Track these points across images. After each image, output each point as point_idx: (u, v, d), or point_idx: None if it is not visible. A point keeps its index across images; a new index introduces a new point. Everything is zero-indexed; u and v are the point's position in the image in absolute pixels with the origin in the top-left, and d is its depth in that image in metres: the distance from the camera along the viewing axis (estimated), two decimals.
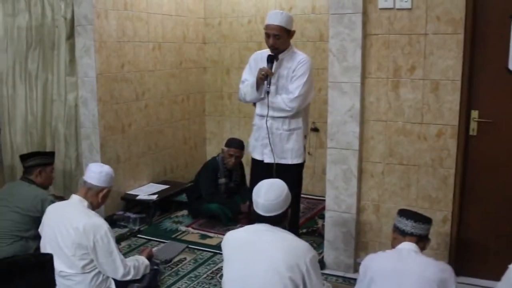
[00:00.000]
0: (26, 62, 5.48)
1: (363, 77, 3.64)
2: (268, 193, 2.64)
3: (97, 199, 3.40)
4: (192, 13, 6.08)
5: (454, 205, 3.57)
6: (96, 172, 3.38)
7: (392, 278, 2.54)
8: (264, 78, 3.69)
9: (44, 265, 1.88)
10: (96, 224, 3.22)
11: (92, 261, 3.24)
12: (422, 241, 2.74)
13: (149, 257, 3.69)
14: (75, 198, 3.38)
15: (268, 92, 3.71)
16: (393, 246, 2.79)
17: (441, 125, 3.51)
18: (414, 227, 2.70)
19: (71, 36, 5.08)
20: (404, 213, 2.78)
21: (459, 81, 3.42)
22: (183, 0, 5.90)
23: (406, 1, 3.45)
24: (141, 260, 3.52)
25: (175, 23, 5.80)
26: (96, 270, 3.27)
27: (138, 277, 3.42)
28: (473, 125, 3.51)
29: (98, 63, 4.79)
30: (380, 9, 3.54)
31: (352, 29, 3.58)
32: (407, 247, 2.67)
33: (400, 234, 2.75)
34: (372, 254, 2.79)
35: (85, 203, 3.34)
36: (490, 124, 3.48)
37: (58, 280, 3.11)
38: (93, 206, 3.40)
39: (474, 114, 3.50)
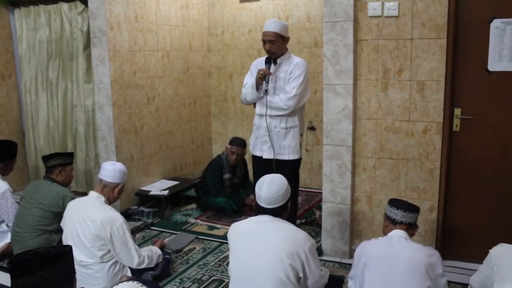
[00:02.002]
0: (47, 71, 5.50)
1: (355, 79, 3.62)
2: (270, 187, 2.62)
3: (113, 195, 3.40)
4: (197, 24, 6.05)
5: (440, 195, 3.55)
6: (110, 170, 3.37)
7: (384, 263, 2.53)
8: (262, 78, 3.68)
9: (64, 255, 1.87)
10: (112, 217, 3.22)
11: (109, 251, 3.24)
12: (411, 228, 2.72)
13: (162, 247, 3.70)
14: (93, 194, 3.38)
15: (266, 90, 3.69)
16: (384, 233, 2.76)
17: (427, 122, 3.49)
18: (404, 216, 2.68)
19: (87, 47, 5.08)
20: (394, 203, 2.75)
21: (443, 82, 3.40)
22: (189, 12, 5.88)
23: (393, 9, 3.43)
24: (154, 250, 3.51)
25: (182, 33, 5.77)
26: (114, 260, 3.27)
27: (151, 265, 3.42)
28: (456, 122, 3.49)
29: (112, 71, 4.77)
30: (370, 16, 3.52)
31: (344, 36, 3.56)
32: (398, 234, 2.65)
33: (391, 223, 2.72)
34: (365, 241, 2.77)
35: (102, 198, 3.34)
36: (472, 120, 3.46)
37: (79, 269, 3.11)
38: (110, 201, 3.40)
39: (457, 111, 3.48)
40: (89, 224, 3.19)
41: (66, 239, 3.29)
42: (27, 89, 5.67)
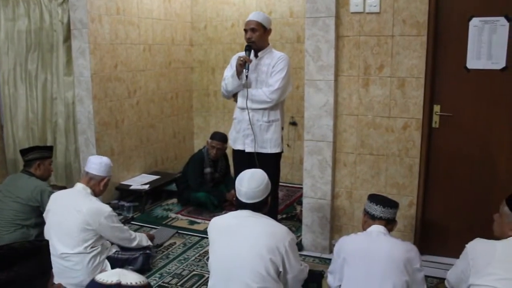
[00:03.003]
0: (26, 63, 5.39)
1: (336, 75, 3.63)
2: (250, 182, 2.62)
3: (99, 187, 3.44)
4: (180, 18, 6.01)
5: (419, 191, 3.59)
6: (96, 163, 3.42)
7: (363, 258, 2.54)
8: (243, 65, 3.67)
9: (40, 250, 1.83)
10: (99, 208, 3.29)
11: (93, 242, 3.26)
12: (390, 224, 2.74)
13: (151, 239, 3.83)
14: (79, 186, 3.41)
15: (247, 77, 3.68)
16: (364, 228, 2.78)
17: (407, 118, 3.52)
18: (383, 212, 2.70)
19: (67, 39, 5.00)
20: (373, 199, 2.77)
21: (423, 78, 3.43)
22: (171, 6, 5.82)
23: (375, 6, 3.45)
24: (143, 236, 3.68)
25: (164, 27, 5.72)
26: (95, 252, 3.26)
27: (142, 245, 3.59)
28: (436, 118, 3.53)
29: (92, 63, 4.71)
30: (352, 13, 3.53)
31: (326, 31, 3.56)
32: (376, 229, 2.67)
33: (370, 218, 2.74)
34: (345, 236, 2.79)
35: (88, 190, 3.39)
36: (451, 117, 3.50)
37: (58, 261, 3.14)
38: (95, 194, 3.43)
39: (437, 108, 3.52)
40: (75, 215, 3.20)
41: (48, 231, 3.28)
42: (5, 80, 5.56)
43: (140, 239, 3.58)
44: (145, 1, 5.36)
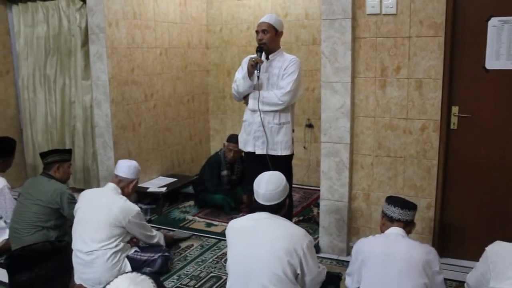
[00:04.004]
0: (45, 68, 5.49)
1: (353, 77, 3.62)
2: (268, 184, 2.63)
3: (128, 189, 3.60)
4: (196, 21, 6.05)
5: (437, 192, 3.57)
6: (125, 166, 3.61)
7: (381, 260, 2.53)
8: (254, 66, 3.68)
9: (61, 251, 1.87)
10: (129, 206, 3.44)
11: (118, 238, 3.35)
12: (408, 226, 2.73)
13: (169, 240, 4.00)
14: (110, 185, 3.56)
15: (258, 77, 3.70)
16: (382, 231, 2.77)
17: (425, 120, 3.50)
18: (401, 214, 2.68)
19: (85, 43, 5.08)
20: (391, 201, 2.76)
21: (441, 80, 3.40)
22: (187, 9, 5.87)
23: (391, 7, 3.44)
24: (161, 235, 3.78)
25: (180, 30, 5.77)
26: (116, 249, 3.33)
27: (160, 243, 3.70)
28: (454, 120, 3.50)
29: (110, 67, 4.76)
30: (368, 14, 3.52)
31: (343, 33, 3.56)
32: (395, 231, 2.66)
33: (388, 220, 2.73)
34: (363, 238, 2.78)
35: (119, 190, 3.54)
36: (469, 118, 3.47)
37: (80, 256, 3.27)
38: (124, 195, 3.55)
39: (455, 109, 3.49)
40: (107, 211, 3.34)
41: (79, 225, 3.39)
42: (24, 85, 5.66)
43: (159, 237, 3.71)
44: (161, 5, 5.40)
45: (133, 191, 3.69)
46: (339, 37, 3.58)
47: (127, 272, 1.52)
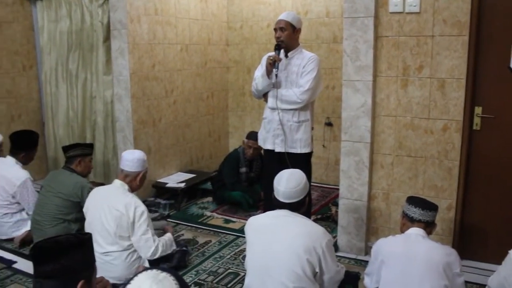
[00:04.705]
0: (67, 63, 5.55)
1: (375, 75, 3.60)
2: (289, 182, 2.63)
3: (136, 183, 3.47)
4: (216, 18, 6.07)
5: (458, 194, 3.53)
6: (129, 160, 3.43)
7: (401, 260, 2.52)
8: (272, 64, 3.68)
9: (84, 243, 1.88)
10: (136, 203, 3.32)
11: (129, 238, 3.30)
12: (429, 226, 2.70)
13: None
14: (117, 182, 3.45)
15: (276, 76, 3.70)
16: (402, 231, 2.75)
17: (447, 120, 3.46)
18: (422, 214, 2.66)
19: (107, 39, 5.12)
20: (412, 201, 2.74)
21: (464, 79, 3.36)
22: (208, 6, 5.89)
23: (414, 6, 3.40)
24: (168, 236, 3.58)
25: (200, 27, 5.79)
26: (133, 248, 3.32)
27: (167, 252, 3.47)
28: (477, 120, 3.46)
29: (131, 63, 4.81)
30: (391, 13, 3.49)
31: (365, 32, 3.54)
32: (415, 232, 2.64)
33: (409, 221, 2.71)
34: (383, 238, 2.76)
35: (126, 186, 3.42)
36: (493, 119, 3.42)
37: (98, 256, 3.17)
38: (133, 189, 3.47)
39: (478, 110, 3.45)
40: (113, 211, 3.26)
41: (89, 226, 3.35)
42: (47, 80, 5.74)
43: (165, 248, 3.43)
44: (182, 2, 5.43)
45: (142, 183, 3.52)
46: (361, 35, 3.56)
47: (146, 269, 1.53)
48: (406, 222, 2.74)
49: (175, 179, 5.23)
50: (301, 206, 2.68)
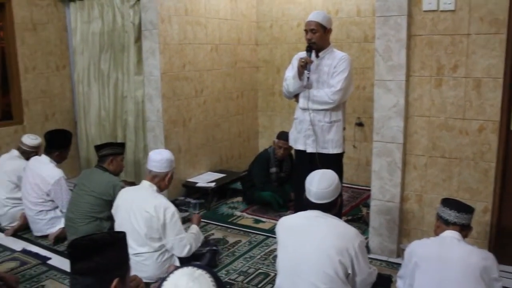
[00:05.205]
0: (99, 63, 5.64)
1: (407, 75, 3.55)
2: (321, 182, 2.62)
3: (164, 183, 3.49)
4: (246, 18, 6.08)
5: (495, 196, 3.44)
6: (157, 161, 3.43)
7: (436, 264, 2.47)
8: (304, 66, 3.67)
9: (119, 242, 1.91)
10: (165, 205, 3.32)
11: (160, 240, 3.31)
12: (464, 229, 2.63)
13: (198, 222, 3.80)
14: (145, 184, 3.46)
15: (308, 78, 3.67)
16: (436, 233, 2.70)
17: (483, 120, 3.38)
18: (457, 217, 2.60)
19: (138, 39, 5.19)
20: (447, 203, 2.68)
21: (501, 79, 3.28)
22: (237, 6, 5.90)
23: (449, 3, 3.34)
24: (195, 230, 3.60)
25: (230, 27, 5.81)
26: (163, 249, 3.34)
27: (199, 245, 3.52)
28: None
29: (162, 63, 4.86)
30: (424, 11, 3.43)
31: (398, 30, 3.49)
32: (450, 235, 2.58)
33: (444, 223, 2.65)
34: (417, 240, 2.71)
35: (154, 187, 3.43)
36: None
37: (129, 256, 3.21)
38: (161, 189, 3.49)
39: None
40: (143, 213, 3.28)
41: (119, 228, 3.38)
42: (79, 80, 5.85)
43: (197, 243, 3.48)
44: (212, 2, 5.46)
45: (170, 183, 3.53)
46: (394, 34, 3.51)
47: (182, 267, 1.54)
48: (440, 225, 2.68)
49: (205, 179, 5.26)
50: (333, 207, 2.66)
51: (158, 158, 3.43)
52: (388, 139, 3.65)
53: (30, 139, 4.65)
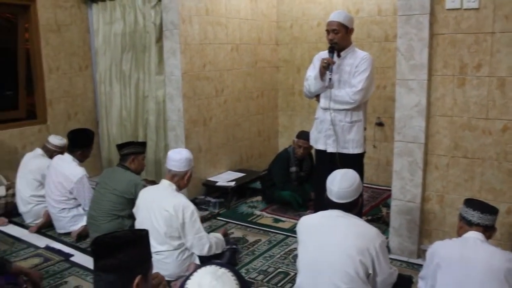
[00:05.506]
0: (121, 63, 5.71)
1: (430, 74, 3.51)
2: (342, 182, 2.61)
3: (183, 182, 3.51)
4: (266, 17, 6.08)
5: None
6: (176, 160, 3.45)
7: (459, 265, 2.44)
8: (326, 67, 3.65)
9: (141, 239, 1.93)
10: (184, 204, 3.34)
11: (179, 238, 3.33)
12: (488, 231, 2.59)
13: (225, 235, 3.79)
14: (165, 183, 3.49)
15: (330, 79, 3.66)
16: (459, 234, 2.66)
17: (507, 120, 3.33)
18: (481, 218, 2.56)
19: (159, 39, 5.23)
20: (471, 204, 2.64)
21: None
22: (258, 6, 5.91)
23: (473, 1, 3.29)
24: (219, 236, 3.61)
25: (250, 27, 5.82)
26: (183, 247, 3.36)
27: (218, 251, 3.50)
28: None
29: (183, 63, 4.89)
30: (447, 9, 3.39)
31: (420, 29, 3.45)
32: (474, 236, 2.54)
33: (467, 224, 2.61)
34: (439, 241, 2.68)
35: (174, 186, 3.46)
36: None
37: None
38: (180, 188, 3.51)
39: None
40: (163, 212, 3.31)
41: (140, 226, 3.40)
42: (101, 80, 5.93)
43: (216, 247, 3.47)
44: (232, 2, 5.48)
45: (189, 181, 3.55)
46: (416, 33, 3.48)
47: (205, 265, 1.54)
48: (463, 226, 2.64)
49: (225, 178, 5.28)
50: (354, 207, 2.65)
51: (178, 157, 3.45)
52: (409, 139, 3.62)
53: (57, 139, 4.74)
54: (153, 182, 5.05)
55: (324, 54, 3.80)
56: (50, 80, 5.62)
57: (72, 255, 3.94)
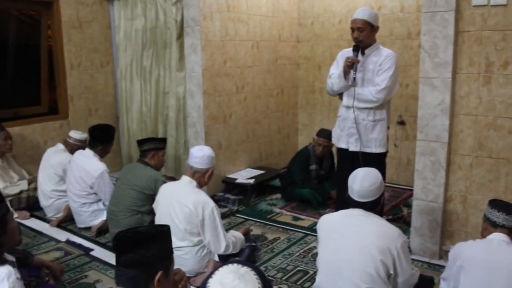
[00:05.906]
0: (141, 59, 5.74)
1: (454, 72, 3.45)
2: (364, 181, 2.59)
3: (204, 179, 3.51)
4: (287, 14, 6.05)
5: None
6: (198, 157, 3.45)
7: (483, 267, 2.39)
8: (350, 66, 3.62)
9: (163, 235, 1.94)
10: (204, 201, 3.34)
11: (199, 234, 3.34)
12: None
13: (246, 234, 3.79)
14: (185, 179, 3.49)
15: (354, 79, 3.62)
16: (483, 235, 2.61)
17: None
18: (506, 220, 2.50)
19: (180, 36, 5.25)
20: (496, 205, 2.58)
21: None
22: (279, 2, 5.89)
23: None
24: (238, 236, 3.60)
25: (271, 24, 5.80)
26: (203, 243, 3.37)
27: (235, 251, 3.49)
28: None
29: (203, 60, 4.89)
30: (474, 6, 3.33)
31: (445, 26, 3.40)
32: (498, 237, 2.49)
33: (491, 225, 2.56)
34: (462, 242, 2.63)
35: (194, 183, 3.46)
36: None
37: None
38: (201, 185, 3.51)
39: None
40: (183, 208, 3.32)
41: (159, 222, 3.43)
42: (122, 76, 5.97)
43: (234, 246, 3.47)
44: None
45: (210, 179, 3.56)
46: (441, 30, 3.42)
47: (227, 263, 1.54)
48: (488, 227, 2.59)
49: (245, 175, 5.27)
50: (375, 206, 2.63)
51: (200, 154, 3.45)
52: (432, 138, 3.56)
53: (78, 134, 4.81)
54: (173, 178, 5.09)
55: (348, 52, 3.76)
56: (72, 76, 5.68)
57: (92, 250, 3.98)
